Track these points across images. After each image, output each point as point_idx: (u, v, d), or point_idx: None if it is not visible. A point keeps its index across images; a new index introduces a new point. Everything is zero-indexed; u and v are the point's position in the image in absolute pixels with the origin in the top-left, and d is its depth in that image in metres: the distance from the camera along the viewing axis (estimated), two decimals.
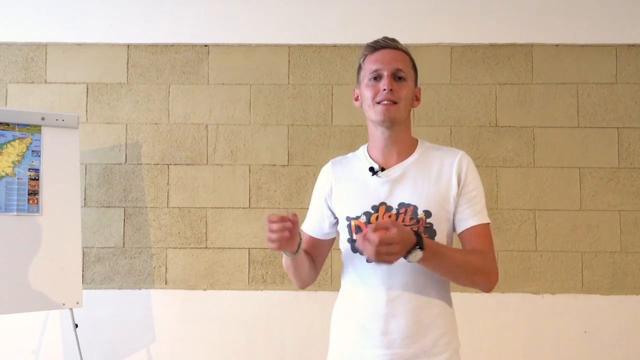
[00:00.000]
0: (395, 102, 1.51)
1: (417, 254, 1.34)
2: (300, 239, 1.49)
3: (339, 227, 1.62)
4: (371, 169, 1.55)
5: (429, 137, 2.99)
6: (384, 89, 1.50)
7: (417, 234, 1.35)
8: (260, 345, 3.01)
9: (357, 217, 1.53)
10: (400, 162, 1.56)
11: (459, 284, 1.51)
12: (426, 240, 1.37)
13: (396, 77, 1.52)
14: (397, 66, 1.52)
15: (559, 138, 3.04)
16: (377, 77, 1.53)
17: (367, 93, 1.54)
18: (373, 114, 1.53)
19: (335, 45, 3.11)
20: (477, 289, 1.54)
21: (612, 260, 2.98)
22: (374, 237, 1.26)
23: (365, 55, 1.58)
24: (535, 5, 3.08)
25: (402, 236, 1.30)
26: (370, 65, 1.55)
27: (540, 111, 3.06)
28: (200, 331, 3.02)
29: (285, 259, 1.57)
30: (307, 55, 3.12)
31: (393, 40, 1.57)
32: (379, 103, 1.51)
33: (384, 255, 1.28)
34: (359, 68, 1.60)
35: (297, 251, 1.49)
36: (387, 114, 1.50)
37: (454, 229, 1.58)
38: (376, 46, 1.56)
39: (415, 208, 1.50)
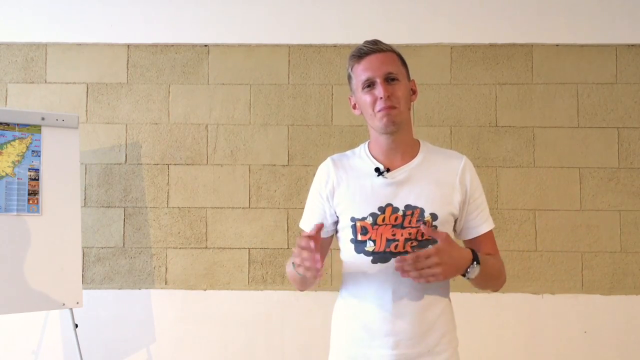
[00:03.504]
0: (394, 107, 1.51)
1: (475, 269, 1.45)
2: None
3: (339, 227, 1.61)
4: (377, 170, 1.55)
5: (429, 137, 2.99)
6: (381, 97, 1.50)
7: (472, 250, 1.47)
8: (260, 345, 3.01)
9: (363, 219, 1.52)
10: (405, 164, 1.57)
11: (483, 289, 1.60)
12: (479, 255, 1.47)
13: (389, 79, 1.52)
14: (387, 70, 1.52)
15: (559, 138, 3.04)
16: (370, 85, 1.53)
17: (365, 103, 1.54)
18: (376, 122, 1.54)
19: (335, 45, 3.11)
20: (489, 290, 1.64)
21: (612, 260, 2.98)
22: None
23: (352, 65, 1.57)
24: (535, 5, 3.08)
25: (440, 249, 1.39)
26: (360, 75, 1.54)
27: (540, 111, 3.06)
28: (200, 331, 3.02)
29: (294, 273, 1.48)
30: (307, 55, 3.12)
31: (375, 43, 1.56)
32: (379, 111, 1.51)
33: (426, 274, 1.38)
34: (349, 77, 1.60)
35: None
36: (389, 119, 1.51)
37: (454, 232, 1.61)
38: (360, 54, 1.55)
39: (422, 211, 1.51)
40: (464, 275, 1.46)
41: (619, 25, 3.05)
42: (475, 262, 1.45)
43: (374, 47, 1.54)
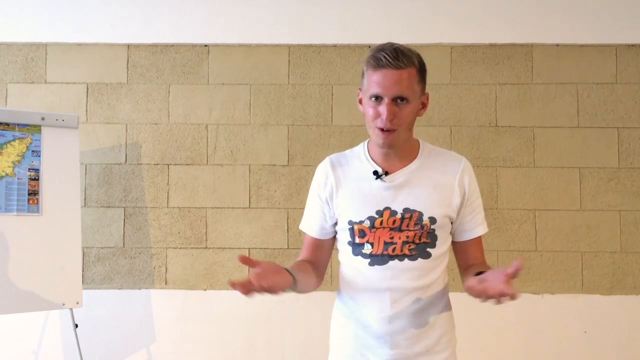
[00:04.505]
0: (393, 129, 1.46)
1: None
2: (288, 270, 1.42)
3: (337, 228, 1.60)
4: (375, 173, 1.54)
5: (429, 137, 2.99)
6: (384, 117, 1.45)
7: None
8: (260, 345, 3.01)
9: (361, 222, 1.52)
10: (404, 167, 1.55)
11: None
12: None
13: (397, 100, 1.45)
14: (398, 91, 1.43)
15: (559, 138, 3.04)
16: (377, 99, 1.46)
17: (367, 111, 1.49)
18: (373, 135, 1.51)
19: (335, 45, 3.11)
20: None
21: (612, 260, 2.98)
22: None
23: (367, 69, 1.48)
24: (535, 5, 3.08)
25: None
26: (371, 86, 1.46)
27: (540, 111, 3.06)
28: (200, 331, 3.02)
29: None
30: (307, 55, 3.12)
31: (396, 57, 1.43)
32: (378, 128, 1.47)
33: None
34: (363, 74, 1.53)
35: (295, 283, 1.41)
36: (386, 141, 1.48)
37: (450, 234, 1.60)
38: (378, 65, 1.44)
39: (420, 214, 1.50)
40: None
41: (619, 25, 3.05)
42: None
43: (392, 63, 1.43)
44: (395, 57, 1.43)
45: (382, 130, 1.47)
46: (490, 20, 3.08)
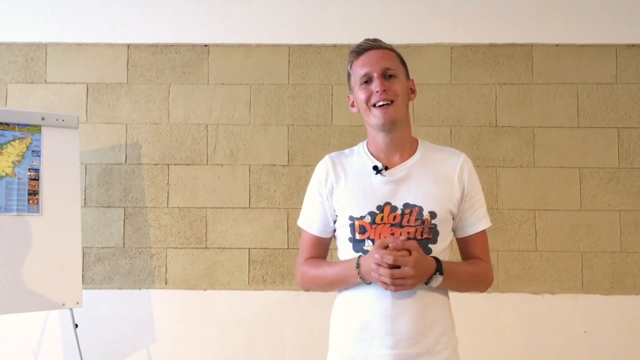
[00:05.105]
0: (391, 101, 1.51)
1: (438, 279, 1.44)
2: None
3: (336, 225, 1.60)
4: (375, 168, 1.55)
5: (429, 137, 2.99)
6: (377, 91, 1.50)
7: (436, 259, 1.45)
8: (260, 345, 3.01)
9: (362, 217, 1.52)
10: (403, 162, 1.56)
11: (460, 292, 1.62)
12: (444, 263, 1.46)
13: (386, 75, 1.53)
14: (385, 65, 1.53)
15: (559, 138, 3.04)
16: (368, 81, 1.53)
17: (361, 97, 1.54)
18: (372, 118, 1.53)
19: (335, 45, 3.11)
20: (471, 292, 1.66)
21: (612, 260, 2.98)
22: (388, 258, 1.37)
23: (352, 61, 1.58)
24: (535, 5, 3.08)
25: (417, 260, 1.38)
26: (358, 70, 1.55)
27: (540, 111, 3.06)
28: (200, 331, 3.02)
29: (340, 283, 1.55)
30: (307, 55, 3.12)
31: (375, 40, 1.57)
32: (374, 106, 1.51)
33: (399, 283, 1.38)
34: (348, 75, 1.61)
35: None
36: (386, 116, 1.51)
37: (452, 230, 1.60)
38: (360, 50, 1.57)
39: (420, 209, 1.51)
40: (426, 284, 1.45)
41: (619, 25, 3.05)
42: (437, 273, 1.44)
43: (373, 44, 1.56)
44: (375, 41, 1.58)
45: (379, 107, 1.51)
46: (490, 20, 3.09)
